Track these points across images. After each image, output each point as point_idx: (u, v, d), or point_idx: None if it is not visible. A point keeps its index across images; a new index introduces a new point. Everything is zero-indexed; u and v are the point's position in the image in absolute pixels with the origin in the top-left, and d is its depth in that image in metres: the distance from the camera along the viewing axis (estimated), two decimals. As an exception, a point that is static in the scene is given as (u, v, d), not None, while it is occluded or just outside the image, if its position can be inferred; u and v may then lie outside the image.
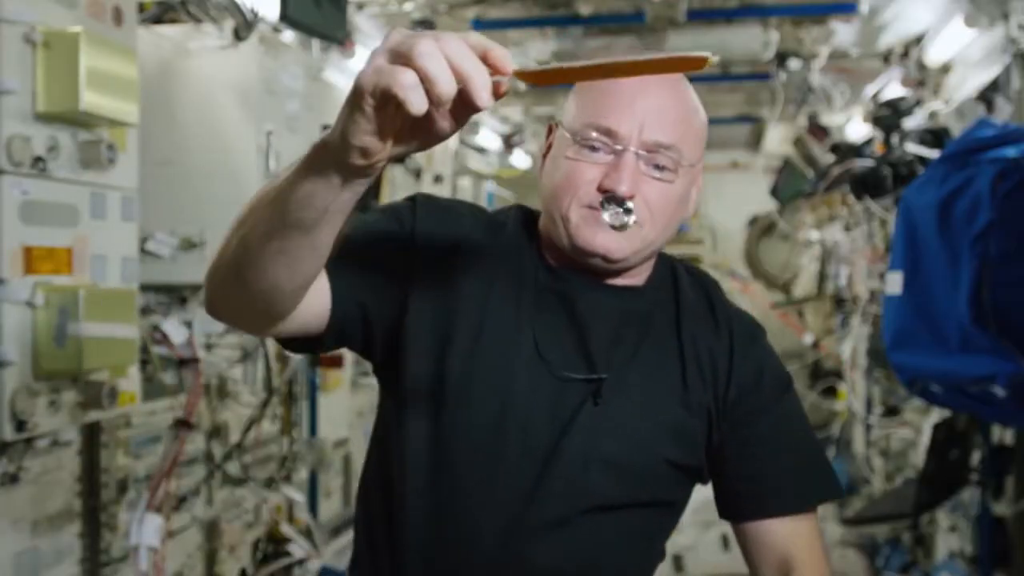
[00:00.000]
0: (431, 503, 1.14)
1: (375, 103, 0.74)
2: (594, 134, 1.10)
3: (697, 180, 1.18)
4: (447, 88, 0.72)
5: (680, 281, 1.23)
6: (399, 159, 3.67)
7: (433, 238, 1.15)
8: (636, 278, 1.19)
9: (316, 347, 1.13)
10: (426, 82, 0.72)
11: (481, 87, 0.73)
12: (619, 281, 1.18)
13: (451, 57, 0.72)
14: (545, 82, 0.79)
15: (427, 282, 1.14)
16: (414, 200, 1.19)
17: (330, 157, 0.80)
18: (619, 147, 1.09)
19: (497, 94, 0.76)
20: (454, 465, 1.13)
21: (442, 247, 1.15)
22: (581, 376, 1.14)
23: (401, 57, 0.73)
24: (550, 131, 1.20)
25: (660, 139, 1.09)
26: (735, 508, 1.23)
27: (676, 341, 1.19)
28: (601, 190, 1.09)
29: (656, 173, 1.10)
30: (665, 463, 1.16)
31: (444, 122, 0.79)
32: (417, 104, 0.72)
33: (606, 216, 1.08)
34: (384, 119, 0.76)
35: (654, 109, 1.09)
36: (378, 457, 1.22)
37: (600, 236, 1.10)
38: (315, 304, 1.06)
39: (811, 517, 1.22)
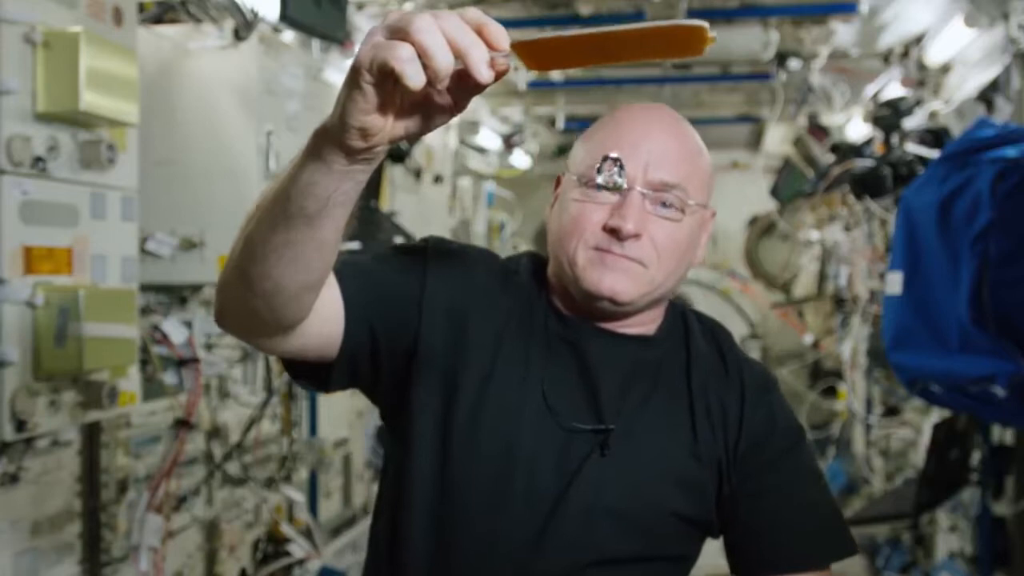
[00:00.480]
0: (435, 551, 1.12)
1: (373, 79, 0.74)
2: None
3: (706, 225, 1.17)
4: (444, 62, 0.72)
5: (691, 330, 1.22)
6: (399, 156, 3.69)
7: (444, 284, 1.14)
8: (647, 326, 1.18)
9: (326, 377, 1.11)
10: (423, 56, 0.71)
11: (479, 60, 0.73)
12: (630, 330, 1.16)
13: (448, 32, 0.72)
14: (544, 61, 0.78)
15: (437, 327, 1.13)
16: (427, 243, 1.18)
17: (330, 141, 0.80)
18: (625, 187, 1.09)
19: (498, 72, 0.75)
20: (459, 514, 1.11)
21: (452, 293, 1.14)
22: (588, 427, 1.12)
23: (398, 32, 0.73)
24: (558, 183, 1.20)
25: (665, 178, 1.09)
26: (746, 563, 1.20)
27: (687, 391, 1.17)
28: (607, 229, 1.09)
29: (663, 211, 1.10)
30: (673, 516, 1.14)
31: (443, 100, 0.79)
32: (414, 78, 0.72)
33: (600, 178, 1.08)
34: (383, 97, 0.76)
35: (658, 150, 1.10)
36: (387, 499, 1.21)
37: (607, 278, 1.09)
38: (326, 328, 1.05)
39: (824, 574, 1.19)
